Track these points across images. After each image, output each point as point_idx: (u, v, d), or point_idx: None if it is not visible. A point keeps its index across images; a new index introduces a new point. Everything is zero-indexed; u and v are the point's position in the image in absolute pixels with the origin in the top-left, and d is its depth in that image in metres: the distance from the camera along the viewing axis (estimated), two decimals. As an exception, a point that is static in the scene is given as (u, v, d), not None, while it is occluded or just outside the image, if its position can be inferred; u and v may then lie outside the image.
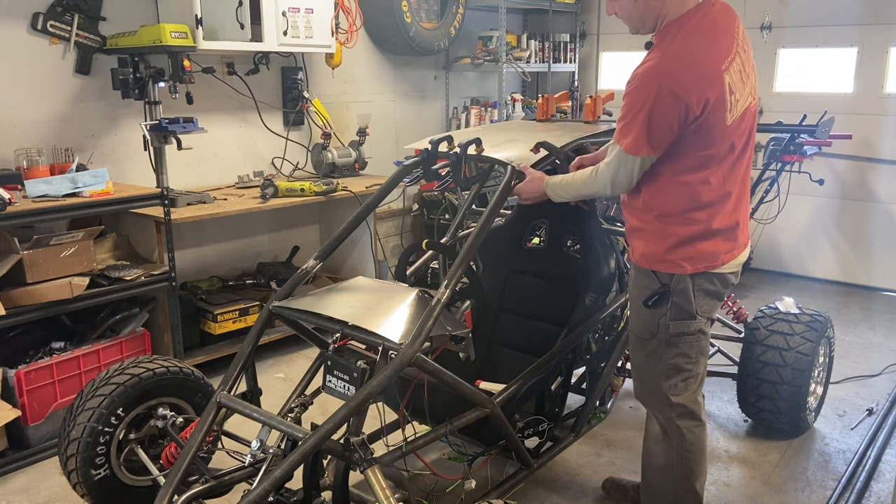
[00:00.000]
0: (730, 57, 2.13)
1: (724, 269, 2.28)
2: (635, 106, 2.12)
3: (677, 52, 2.10)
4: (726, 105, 2.11)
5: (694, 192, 2.19)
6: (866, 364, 4.20)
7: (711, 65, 2.10)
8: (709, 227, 2.22)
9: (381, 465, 2.10)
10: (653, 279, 2.29)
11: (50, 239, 3.18)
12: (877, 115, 5.34)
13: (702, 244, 2.23)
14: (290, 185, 4.23)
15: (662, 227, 2.25)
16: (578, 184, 2.38)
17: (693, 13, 2.15)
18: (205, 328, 4.09)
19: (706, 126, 2.11)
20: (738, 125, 2.17)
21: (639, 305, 2.34)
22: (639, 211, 2.31)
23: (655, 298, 2.27)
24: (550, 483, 3.00)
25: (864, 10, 5.27)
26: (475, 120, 5.96)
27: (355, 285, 2.59)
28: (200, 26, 3.73)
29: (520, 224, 3.21)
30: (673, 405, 2.35)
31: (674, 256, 2.24)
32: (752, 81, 2.22)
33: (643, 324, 2.35)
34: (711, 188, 2.19)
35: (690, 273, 2.24)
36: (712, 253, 2.24)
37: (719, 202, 2.22)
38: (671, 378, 2.34)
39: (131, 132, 4.07)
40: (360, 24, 5.07)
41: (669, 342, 2.30)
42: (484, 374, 2.71)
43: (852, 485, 2.99)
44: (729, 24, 2.19)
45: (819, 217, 5.74)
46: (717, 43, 2.14)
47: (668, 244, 2.24)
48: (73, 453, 2.51)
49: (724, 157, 2.18)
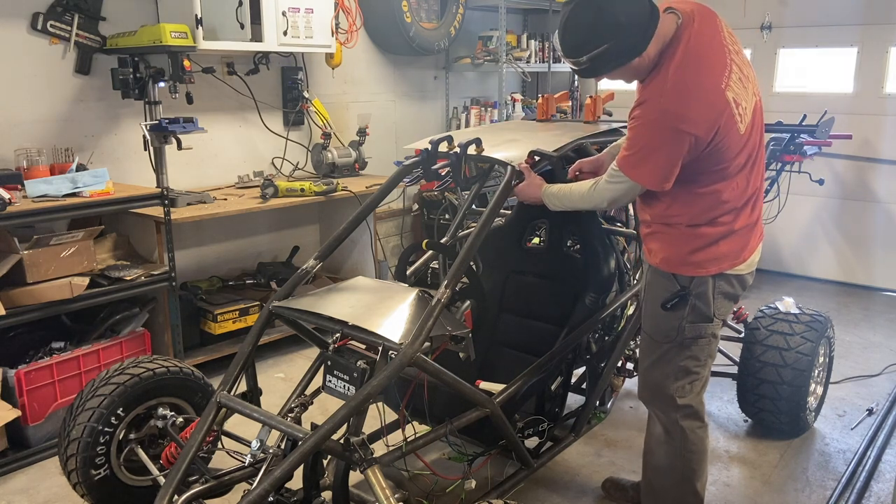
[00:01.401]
0: (726, 71, 2.08)
1: (742, 269, 2.29)
2: (640, 142, 2.11)
3: (676, 87, 2.05)
4: (736, 119, 2.09)
5: (719, 199, 2.19)
6: (866, 364, 4.20)
7: (712, 90, 2.05)
8: (732, 228, 2.23)
9: (381, 465, 2.10)
10: (672, 282, 2.28)
11: (50, 239, 3.18)
12: (877, 115, 5.33)
13: (725, 244, 2.24)
14: (290, 185, 4.23)
15: (688, 230, 2.24)
16: (575, 197, 2.38)
17: (676, 41, 2.08)
18: (205, 328, 4.09)
19: (719, 147, 2.10)
20: (750, 130, 2.17)
21: (655, 308, 2.33)
22: (660, 216, 2.29)
23: (675, 301, 2.27)
24: (550, 483, 3.00)
25: (864, 10, 5.27)
26: (475, 120, 5.96)
27: (355, 285, 2.59)
28: (200, 26, 3.73)
29: (520, 224, 3.21)
30: (678, 406, 2.36)
31: (698, 258, 2.24)
32: (751, 81, 2.19)
33: (659, 326, 2.34)
34: (736, 192, 2.20)
35: (714, 274, 2.25)
36: (734, 252, 2.25)
37: (744, 204, 2.24)
38: (679, 380, 2.34)
39: (131, 132, 4.07)
40: (360, 24, 5.08)
41: (683, 345, 2.31)
42: (484, 374, 2.70)
43: (852, 485, 2.99)
44: (715, 35, 2.13)
45: (819, 217, 5.74)
46: (711, 63, 2.09)
47: (693, 247, 2.24)
48: (74, 453, 2.51)
49: (743, 164, 2.19)
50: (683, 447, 2.38)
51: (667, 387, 2.35)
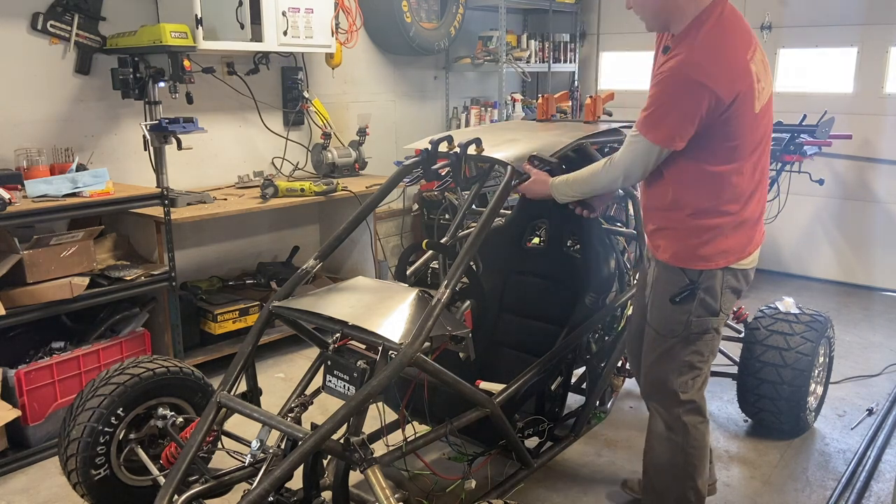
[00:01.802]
0: (752, 47, 2.18)
1: (746, 264, 2.33)
2: (663, 98, 2.14)
3: (704, 45, 2.13)
4: (755, 94, 2.15)
5: (727, 183, 2.22)
6: (866, 364, 4.20)
7: (737, 56, 2.14)
8: (740, 218, 2.26)
9: (381, 465, 2.10)
10: (680, 276, 2.31)
11: (50, 239, 3.17)
12: (877, 115, 5.33)
13: (732, 237, 2.27)
14: (290, 185, 4.23)
15: (695, 222, 2.26)
16: (586, 176, 2.39)
17: (710, 10, 2.18)
18: (205, 328, 4.09)
19: (736, 116, 2.14)
20: (764, 113, 2.21)
21: (662, 302, 2.36)
22: (666, 210, 2.32)
23: (684, 295, 2.29)
24: (550, 483, 3.00)
25: (864, 10, 5.27)
26: (475, 120, 5.96)
27: (355, 285, 2.59)
28: (200, 26, 3.73)
29: (520, 224, 3.21)
30: (681, 402, 2.38)
31: (706, 252, 2.27)
32: (769, 73, 2.27)
33: (666, 321, 2.36)
34: (744, 178, 2.23)
35: (722, 268, 2.27)
36: (740, 245, 2.29)
37: (750, 192, 2.26)
38: (683, 375, 2.37)
39: (131, 132, 4.07)
40: (360, 24, 5.08)
41: (688, 339, 2.34)
42: (484, 374, 2.70)
43: (852, 485, 2.99)
44: (742, 19, 2.25)
45: (819, 217, 5.74)
46: (739, 35, 2.19)
47: (701, 240, 2.26)
48: (74, 453, 2.51)
49: (754, 147, 2.22)
50: (686, 443, 2.40)
51: (671, 382, 2.38)
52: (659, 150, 2.19)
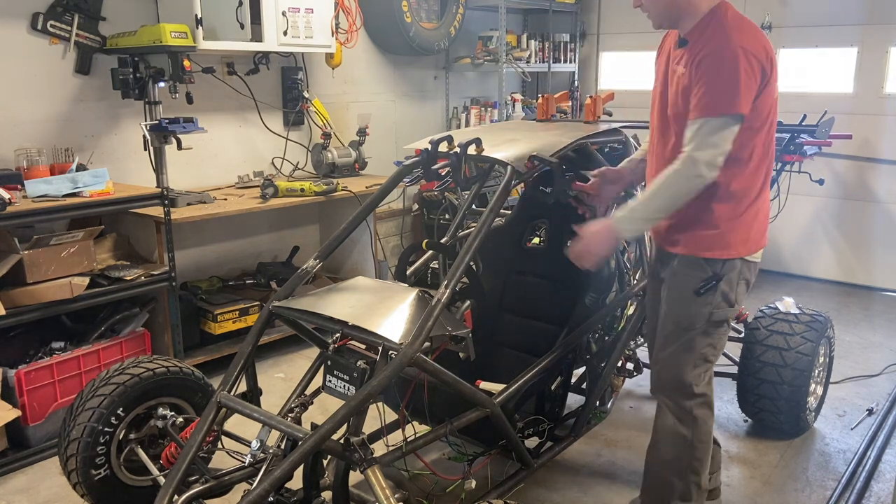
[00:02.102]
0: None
1: (757, 257, 2.38)
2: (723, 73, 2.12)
3: (735, 26, 2.17)
4: (777, 74, 2.21)
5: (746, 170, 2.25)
6: (866, 364, 4.20)
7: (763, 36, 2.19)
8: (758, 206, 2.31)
9: (381, 465, 2.10)
10: (703, 268, 2.33)
11: (50, 239, 3.18)
12: (877, 115, 5.33)
13: (754, 224, 2.32)
14: (290, 185, 4.23)
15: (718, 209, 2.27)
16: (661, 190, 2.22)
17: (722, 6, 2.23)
18: (205, 328, 4.08)
19: (763, 97, 2.18)
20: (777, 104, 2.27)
21: (682, 295, 2.37)
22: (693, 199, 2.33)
23: (709, 287, 2.31)
24: (550, 483, 3.00)
25: (864, 10, 5.27)
26: (475, 120, 5.96)
27: (355, 285, 2.59)
28: (200, 26, 3.73)
29: (520, 224, 3.21)
30: (694, 395, 2.41)
31: (730, 239, 2.30)
32: None
33: (687, 313, 2.37)
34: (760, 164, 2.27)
35: (743, 256, 2.32)
36: (758, 234, 2.35)
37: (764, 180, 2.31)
38: (697, 368, 2.40)
39: (131, 132, 4.07)
40: (360, 24, 5.08)
41: (707, 332, 2.37)
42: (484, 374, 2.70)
43: (852, 485, 2.99)
44: None
45: (819, 217, 5.74)
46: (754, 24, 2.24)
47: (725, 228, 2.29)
48: (74, 453, 2.51)
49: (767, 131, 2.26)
50: (694, 437, 2.42)
51: (686, 374, 2.39)
52: (737, 121, 2.15)
